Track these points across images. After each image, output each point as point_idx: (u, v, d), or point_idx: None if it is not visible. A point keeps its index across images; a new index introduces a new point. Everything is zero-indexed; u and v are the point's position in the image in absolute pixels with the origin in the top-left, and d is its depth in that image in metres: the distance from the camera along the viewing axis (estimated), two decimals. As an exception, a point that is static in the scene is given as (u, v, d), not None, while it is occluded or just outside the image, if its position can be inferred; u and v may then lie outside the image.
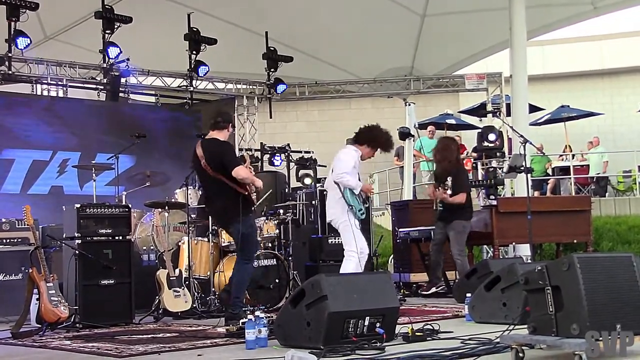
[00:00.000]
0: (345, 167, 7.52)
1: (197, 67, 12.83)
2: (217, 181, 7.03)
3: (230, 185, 6.98)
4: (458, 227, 9.19)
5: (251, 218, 7.34)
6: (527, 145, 9.07)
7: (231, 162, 6.99)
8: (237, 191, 6.98)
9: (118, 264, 7.50)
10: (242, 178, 6.96)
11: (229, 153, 7.18)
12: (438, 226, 9.44)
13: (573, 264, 4.13)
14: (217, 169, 7.02)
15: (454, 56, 15.98)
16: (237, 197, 6.96)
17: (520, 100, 12.50)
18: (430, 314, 7.26)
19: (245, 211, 7.02)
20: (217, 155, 7.05)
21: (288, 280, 8.97)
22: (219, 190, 7.07)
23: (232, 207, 6.96)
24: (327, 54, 15.23)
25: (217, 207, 7.26)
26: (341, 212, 7.50)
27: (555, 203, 11.40)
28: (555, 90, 21.32)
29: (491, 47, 16.03)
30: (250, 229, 7.17)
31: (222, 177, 7.00)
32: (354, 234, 7.44)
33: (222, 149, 7.12)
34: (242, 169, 6.99)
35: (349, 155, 7.68)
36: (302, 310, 5.18)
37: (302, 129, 20.36)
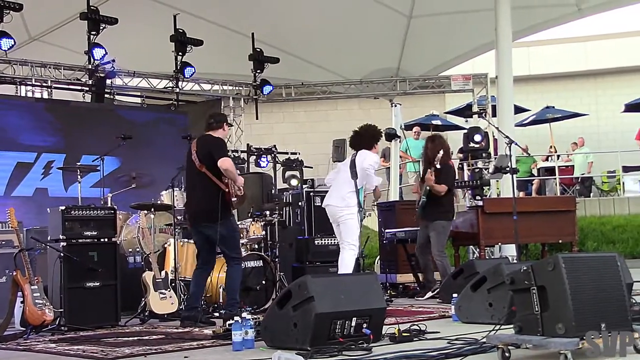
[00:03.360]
0: (375, 163, 8.19)
1: (183, 69, 12.80)
2: (201, 176, 7.05)
3: (214, 181, 6.99)
4: (438, 228, 9.20)
5: (233, 221, 7.34)
6: (513, 146, 9.10)
7: (219, 153, 7.02)
8: (219, 189, 6.98)
9: (103, 266, 7.47)
10: (226, 169, 6.94)
11: (219, 146, 7.18)
12: (420, 227, 9.45)
13: (558, 264, 4.15)
14: (204, 161, 7.05)
15: (440, 57, 16.05)
16: (219, 196, 6.97)
17: (505, 101, 12.55)
18: (416, 315, 7.26)
19: (225, 212, 7.02)
20: (207, 147, 7.12)
21: (275, 282, 8.96)
22: (202, 186, 7.08)
23: (213, 207, 6.94)
24: (314, 55, 15.25)
25: (197, 206, 7.21)
26: (349, 204, 7.93)
27: (541, 203, 11.44)
28: (541, 91, 21.41)
29: (477, 48, 16.10)
30: (232, 231, 7.19)
31: (207, 171, 7.01)
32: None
33: (213, 142, 7.18)
34: (228, 161, 7.00)
35: (376, 157, 8.31)
36: (289, 311, 5.17)
37: (289, 130, 20.33)
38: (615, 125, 20.97)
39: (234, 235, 7.27)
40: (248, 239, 8.94)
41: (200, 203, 7.14)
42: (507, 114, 12.52)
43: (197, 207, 7.22)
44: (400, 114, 13.93)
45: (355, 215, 7.91)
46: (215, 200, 6.94)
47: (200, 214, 7.15)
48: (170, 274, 8.22)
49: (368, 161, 8.08)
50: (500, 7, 12.54)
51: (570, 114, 19.38)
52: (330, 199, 8.24)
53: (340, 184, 8.18)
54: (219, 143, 7.22)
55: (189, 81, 13.53)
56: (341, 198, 8.04)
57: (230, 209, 7.22)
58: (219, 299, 8.34)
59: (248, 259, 8.70)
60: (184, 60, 12.81)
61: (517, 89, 13.93)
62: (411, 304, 8.67)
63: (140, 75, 13.12)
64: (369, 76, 15.38)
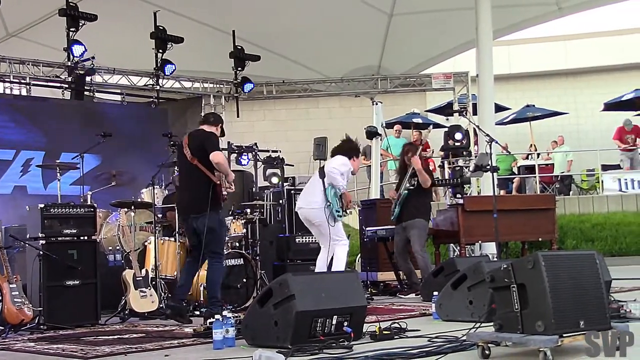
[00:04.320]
0: (341, 166, 7.97)
1: (164, 66, 12.74)
2: (194, 169, 7.10)
3: (206, 174, 7.04)
4: (419, 225, 9.22)
5: (221, 214, 7.36)
6: (493, 144, 9.15)
7: (212, 146, 7.05)
8: (210, 181, 7.03)
9: (83, 264, 7.43)
10: (218, 162, 6.99)
11: (212, 139, 7.20)
12: (397, 231, 9.46)
13: (538, 262, 4.18)
14: (196, 153, 7.09)
15: (421, 55, 16.09)
16: (210, 188, 7.01)
17: (486, 99, 12.61)
18: (397, 313, 7.28)
19: (215, 205, 7.05)
20: (199, 139, 7.17)
21: (255, 280, 8.96)
22: (193, 178, 7.13)
23: (203, 197, 6.98)
24: (295, 53, 15.24)
25: (188, 196, 7.27)
26: (318, 204, 7.86)
27: (521, 202, 11.51)
28: (521, 90, 21.53)
29: (458, 47, 16.17)
30: (219, 225, 7.22)
31: (199, 164, 7.06)
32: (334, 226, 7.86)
33: (207, 135, 7.23)
34: (221, 154, 7.05)
35: (345, 161, 8.08)
36: (270, 309, 5.18)
37: (270, 128, 20.32)
38: (594, 124, 21.14)
39: (221, 229, 7.32)
40: (229, 237, 8.93)
41: (191, 194, 7.19)
42: (488, 112, 12.59)
43: (188, 199, 7.29)
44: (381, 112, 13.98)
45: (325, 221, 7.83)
46: (206, 191, 6.99)
47: (190, 205, 7.22)
48: (151, 272, 8.20)
49: (333, 163, 8.04)
50: (481, 5, 12.60)
51: (550, 113, 19.52)
52: (300, 202, 8.28)
53: (309, 186, 8.26)
54: (213, 136, 7.25)
55: (169, 78, 13.47)
56: (307, 199, 8.05)
57: (220, 202, 7.23)
58: (200, 297, 8.33)
59: (229, 257, 8.69)
60: (164, 57, 12.74)
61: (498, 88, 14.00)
62: (392, 302, 8.70)
63: (120, 73, 13.04)
64: (350, 74, 15.39)
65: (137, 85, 13.37)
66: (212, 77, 14.52)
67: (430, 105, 20.35)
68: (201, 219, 7.04)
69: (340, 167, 7.97)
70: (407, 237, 9.30)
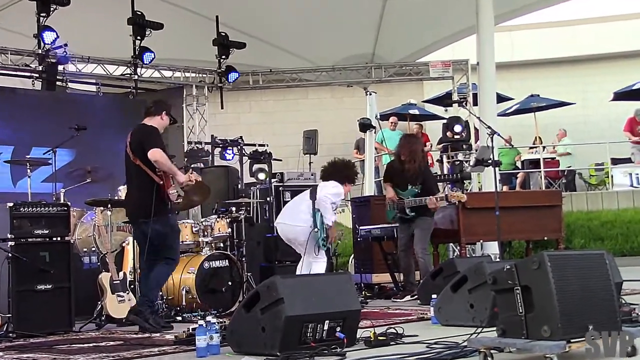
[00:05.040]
0: (334, 196, 7.96)
1: (142, 54, 12.70)
2: (137, 169, 7.07)
3: (149, 174, 7.00)
4: (424, 224, 9.26)
5: (171, 218, 7.31)
6: (495, 136, 9.15)
7: (150, 143, 6.98)
8: (154, 182, 6.98)
9: (56, 267, 7.40)
10: (156, 160, 6.92)
11: (152, 135, 7.14)
12: (402, 229, 9.48)
13: (543, 263, 4.18)
14: (137, 152, 7.06)
15: (418, 42, 16.09)
16: (154, 190, 6.96)
17: (487, 89, 12.64)
18: (393, 317, 7.29)
19: (162, 209, 7.00)
20: (139, 137, 7.12)
21: (241, 283, 8.97)
22: (137, 180, 7.10)
23: (148, 200, 6.94)
24: (283, 40, 15.22)
25: (134, 200, 7.23)
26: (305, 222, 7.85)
27: (525, 198, 11.52)
28: (525, 79, 21.54)
29: (457, 33, 16.17)
30: (170, 229, 7.18)
31: (141, 163, 7.02)
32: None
33: (146, 131, 7.17)
34: (158, 151, 6.94)
35: (339, 190, 8.07)
36: (257, 314, 5.17)
37: (256, 120, 20.28)
38: (603, 115, 21.15)
39: (171, 233, 7.25)
40: (213, 237, 8.94)
41: (136, 198, 7.18)
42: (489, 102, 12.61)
43: (132, 203, 7.27)
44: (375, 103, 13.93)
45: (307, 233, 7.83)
46: (150, 194, 6.94)
47: (136, 210, 7.20)
48: (129, 275, 8.19)
49: (326, 190, 7.95)
50: (482, -12, 12.62)
51: (556, 103, 19.51)
52: (282, 217, 8.22)
53: (295, 203, 8.21)
54: (152, 132, 7.18)
55: (148, 68, 13.43)
56: (293, 216, 8.01)
57: (167, 204, 7.16)
58: (182, 301, 8.34)
59: (213, 258, 8.71)
60: (142, 45, 12.70)
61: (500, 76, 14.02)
62: (387, 306, 8.70)
63: (95, 61, 13.00)
64: (341, 63, 15.37)
65: (114, 74, 13.33)
66: (194, 65, 14.49)
67: (427, 96, 20.33)
68: (150, 223, 6.99)
69: (334, 196, 7.94)
70: (411, 233, 9.33)
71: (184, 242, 8.76)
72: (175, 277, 8.45)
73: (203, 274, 8.56)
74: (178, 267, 8.52)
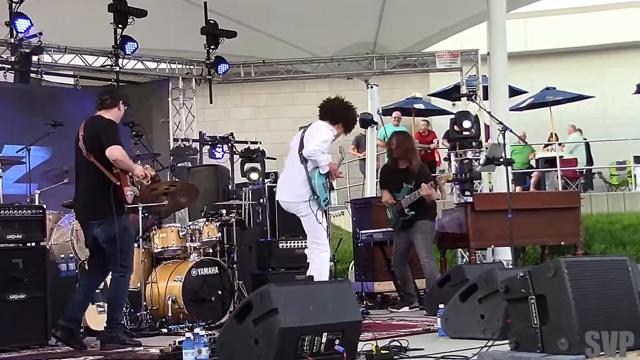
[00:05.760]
0: (323, 144, 7.76)
1: (124, 44, 12.70)
2: (90, 166, 6.99)
3: (105, 173, 6.93)
4: (425, 228, 9.27)
5: (126, 220, 7.26)
6: (507, 133, 9.15)
7: (108, 139, 6.90)
8: (110, 181, 6.92)
9: (30, 275, 7.38)
10: (115, 159, 6.85)
11: (110, 130, 7.04)
12: (399, 235, 9.48)
13: (560, 270, 4.18)
14: (92, 149, 6.97)
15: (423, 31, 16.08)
16: (110, 190, 6.90)
17: (499, 81, 12.60)
18: (397, 329, 7.29)
19: (118, 210, 6.96)
20: (95, 132, 7.02)
21: (232, 292, 8.96)
22: (90, 178, 7.02)
23: (102, 201, 6.89)
24: (277, 29, 15.21)
25: (84, 199, 7.14)
26: (304, 197, 7.71)
27: (540, 200, 11.51)
28: (540, 70, 21.58)
29: (466, 21, 16.16)
30: (124, 233, 7.09)
31: (95, 160, 6.94)
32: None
33: (103, 125, 7.08)
34: (118, 149, 6.87)
35: (327, 131, 7.88)
36: (249, 326, 5.16)
37: (248, 116, 20.31)
38: (625, 109, 21.19)
39: (125, 238, 7.15)
40: (201, 242, 8.93)
41: (87, 198, 7.09)
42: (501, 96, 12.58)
43: (84, 202, 7.15)
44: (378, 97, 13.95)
45: (311, 213, 7.71)
46: (105, 194, 6.88)
47: (87, 211, 7.11)
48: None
49: (313, 144, 7.73)
50: (493, -28, 12.60)
51: (574, 96, 19.54)
52: (282, 193, 8.09)
53: (289, 170, 8.02)
54: (110, 127, 7.09)
55: (130, 58, 13.44)
56: (293, 192, 7.87)
57: (124, 206, 7.10)
58: (168, 312, 8.33)
59: (201, 265, 8.70)
60: (124, 33, 12.70)
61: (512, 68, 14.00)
62: (391, 317, 8.70)
63: (73, 51, 13.00)
64: (341, 53, 15.38)
65: (93, 66, 13.34)
66: (180, 56, 14.49)
67: (433, 89, 20.37)
68: (102, 226, 6.94)
69: (322, 144, 7.74)
70: (410, 240, 9.32)
71: (169, 248, 8.77)
72: (161, 285, 8.45)
73: (191, 282, 8.54)
74: (163, 274, 8.55)
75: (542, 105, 19.26)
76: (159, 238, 8.74)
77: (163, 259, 8.83)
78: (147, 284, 8.54)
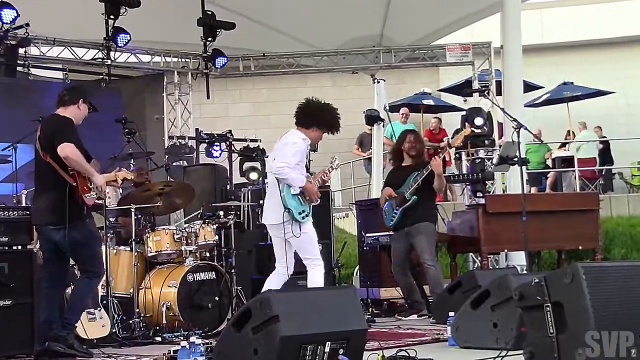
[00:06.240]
0: (290, 156, 7.56)
1: (116, 35, 12.68)
2: (47, 167, 6.95)
3: (61, 173, 6.89)
4: (428, 230, 9.24)
5: (89, 224, 7.22)
6: (522, 131, 9.15)
7: (61, 136, 6.84)
8: (66, 183, 6.87)
9: (16, 280, 7.37)
10: (66, 156, 6.79)
11: (64, 128, 6.99)
12: (396, 237, 9.47)
13: (577, 275, 4.18)
14: (47, 148, 6.93)
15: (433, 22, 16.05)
16: (66, 192, 6.85)
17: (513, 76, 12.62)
18: (405, 338, 7.30)
19: (78, 214, 6.92)
20: (50, 130, 6.99)
21: (230, 298, 8.96)
22: (47, 179, 6.99)
23: (59, 204, 6.85)
24: (278, 20, 15.20)
25: (42, 203, 7.09)
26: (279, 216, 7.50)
27: (557, 201, 11.52)
28: (557, 64, 21.55)
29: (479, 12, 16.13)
30: (89, 237, 7.08)
31: (52, 161, 6.90)
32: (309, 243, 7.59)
33: (58, 123, 7.04)
34: (69, 147, 6.79)
35: (297, 142, 7.68)
36: (248, 334, 5.17)
37: (247, 112, 20.32)
38: (648, 106, 21.17)
39: (91, 242, 7.15)
40: (197, 245, 8.93)
41: (45, 201, 7.03)
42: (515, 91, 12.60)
43: (41, 205, 7.10)
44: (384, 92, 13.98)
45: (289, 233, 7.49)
46: (63, 197, 6.83)
47: (45, 214, 7.05)
48: (101, 289, 8.17)
49: (279, 160, 7.54)
50: (507, -40, 12.61)
51: (593, 92, 19.52)
52: (265, 214, 7.90)
53: (271, 188, 7.81)
54: (65, 124, 7.04)
55: (123, 51, 13.43)
56: (272, 210, 7.66)
57: (83, 209, 7.04)
58: (162, 320, 8.33)
59: (198, 270, 8.70)
60: (116, 25, 12.68)
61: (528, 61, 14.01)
62: (398, 325, 8.71)
63: (62, 43, 13.00)
64: (345, 46, 15.35)
65: (83, 59, 13.33)
66: (176, 49, 14.48)
67: (444, 84, 20.37)
68: (63, 231, 6.90)
69: (291, 158, 7.54)
70: (410, 244, 9.31)
71: (164, 252, 8.77)
72: (155, 291, 8.44)
73: (186, 288, 8.53)
74: (157, 280, 8.54)
75: (559, 102, 19.26)
76: (152, 241, 8.73)
77: (157, 263, 8.82)
78: (140, 289, 8.54)
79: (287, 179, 7.49)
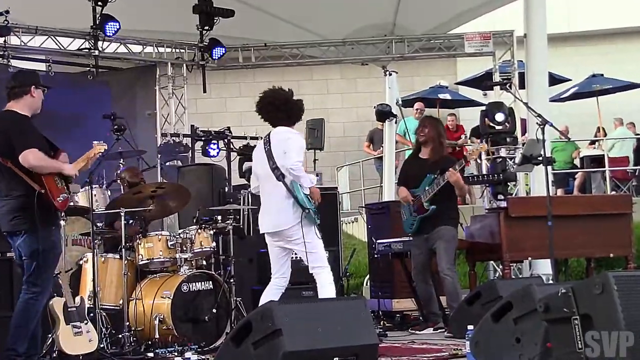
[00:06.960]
0: (300, 154, 7.62)
1: (104, 24, 12.70)
2: (9, 172, 6.83)
3: (23, 178, 6.78)
4: (447, 235, 9.21)
5: (56, 232, 7.18)
6: (547, 127, 9.15)
7: (19, 142, 6.72)
8: (31, 188, 6.75)
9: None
10: (32, 167, 6.72)
11: (19, 129, 6.87)
12: (415, 243, 9.47)
13: (608, 285, 4.18)
14: (5, 151, 6.80)
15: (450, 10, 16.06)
16: (33, 198, 6.72)
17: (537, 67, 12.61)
18: (419, 353, 7.31)
19: (45, 221, 6.83)
20: (4, 133, 6.84)
21: (229, 310, 8.96)
22: (10, 185, 6.86)
23: (23, 211, 6.78)
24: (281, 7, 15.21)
25: (7, 209, 6.92)
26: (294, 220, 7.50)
27: (585, 204, 11.50)
28: (585, 55, 21.55)
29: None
30: (49, 247, 6.97)
31: (12, 166, 6.78)
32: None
33: (11, 124, 6.90)
34: (32, 153, 6.70)
35: (300, 142, 7.79)
36: (249, 349, 5.18)
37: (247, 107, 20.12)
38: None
39: (49, 254, 7.02)
40: (193, 252, 8.93)
41: (9, 208, 6.90)
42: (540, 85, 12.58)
43: (6, 213, 6.95)
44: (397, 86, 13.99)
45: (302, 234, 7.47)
46: (28, 203, 6.73)
47: (7, 221, 6.94)
48: (88, 300, 8.20)
49: (292, 160, 7.53)
50: (531, -58, 12.60)
51: (625, 85, 19.50)
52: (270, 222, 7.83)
53: (270, 197, 7.81)
54: (18, 125, 6.89)
55: (112, 41, 13.45)
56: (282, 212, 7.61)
57: (51, 216, 6.97)
58: (155, 334, 8.33)
59: (193, 279, 8.70)
60: (105, 12, 12.71)
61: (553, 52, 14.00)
62: (412, 340, 8.71)
63: (46, 33, 13.03)
64: (354, 35, 15.37)
65: (68, 49, 13.35)
66: (169, 39, 14.50)
67: (462, 76, 20.38)
68: (25, 238, 6.84)
69: (300, 154, 7.61)
70: (430, 248, 9.30)
71: (156, 259, 8.77)
72: (147, 302, 8.45)
73: (181, 299, 8.54)
74: (149, 290, 8.55)
75: (588, 96, 19.24)
76: (144, 248, 8.74)
77: (149, 272, 8.83)
78: (130, 300, 8.54)
79: (301, 177, 7.52)
